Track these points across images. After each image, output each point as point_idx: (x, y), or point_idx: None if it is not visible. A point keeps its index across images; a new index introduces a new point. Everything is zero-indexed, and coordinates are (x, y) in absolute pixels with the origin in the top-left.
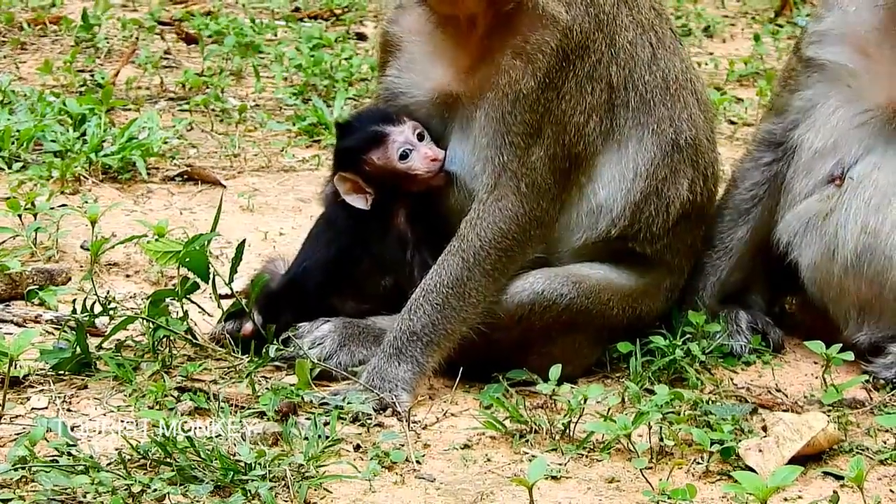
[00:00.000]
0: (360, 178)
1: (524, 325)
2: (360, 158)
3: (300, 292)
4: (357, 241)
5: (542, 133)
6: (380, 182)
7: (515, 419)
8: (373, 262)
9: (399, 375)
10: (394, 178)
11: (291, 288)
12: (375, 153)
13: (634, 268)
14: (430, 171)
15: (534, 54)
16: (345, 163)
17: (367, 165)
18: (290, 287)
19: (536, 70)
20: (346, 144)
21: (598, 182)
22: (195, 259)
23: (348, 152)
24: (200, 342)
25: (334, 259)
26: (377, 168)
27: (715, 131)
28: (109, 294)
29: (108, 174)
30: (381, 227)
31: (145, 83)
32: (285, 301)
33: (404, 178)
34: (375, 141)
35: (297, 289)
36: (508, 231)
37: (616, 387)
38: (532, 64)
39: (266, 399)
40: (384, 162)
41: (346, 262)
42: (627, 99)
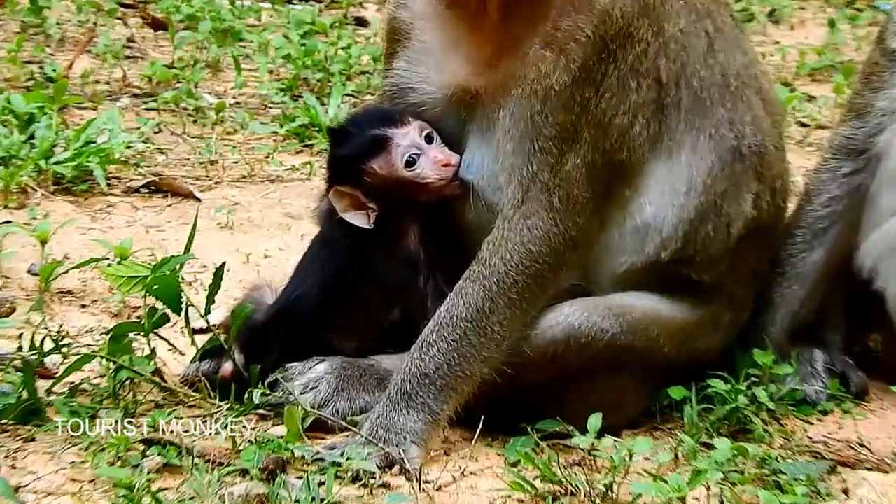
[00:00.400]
0: (359, 191)
1: (558, 365)
2: (358, 168)
3: (291, 326)
4: (359, 264)
5: (578, 137)
6: (384, 195)
7: (547, 479)
8: (378, 290)
9: (408, 426)
10: (400, 188)
11: (280, 321)
12: (377, 161)
13: (688, 298)
14: (443, 177)
15: (566, 43)
16: (341, 174)
17: (367, 176)
18: (278, 320)
19: (570, 62)
20: (341, 153)
21: (645, 196)
22: (165, 286)
23: (345, 162)
24: (171, 386)
25: (332, 286)
26: (380, 179)
27: (784, 136)
28: (62, 328)
29: (60, 185)
30: (387, 247)
31: (104, 76)
32: (273, 336)
33: (412, 187)
34: (376, 147)
35: (287, 322)
36: (539, 254)
37: (667, 440)
38: (565, 55)
39: (249, 454)
40: (388, 171)
41: (345, 289)
42: (679, 98)
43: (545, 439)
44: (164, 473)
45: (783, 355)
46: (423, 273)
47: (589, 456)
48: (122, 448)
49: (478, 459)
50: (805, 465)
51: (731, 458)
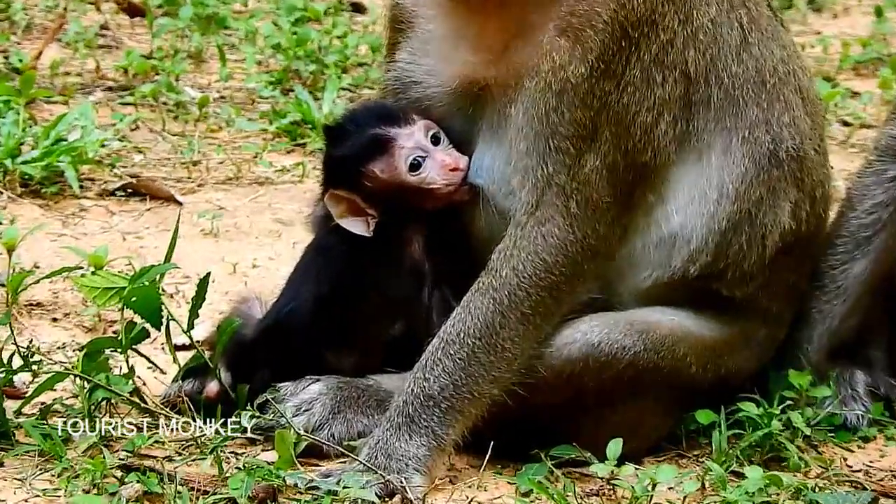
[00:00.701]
0: (358, 196)
1: (574, 386)
2: (357, 171)
3: (282, 342)
4: (357, 275)
5: (597, 136)
6: (385, 200)
7: None
8: (378, 303)
9: (410, 452)
10: (403, 194)
11: (271, 337)
12: (377, 164)
13: (719, 314)
14: (451, 183)
15: (582, 30)
16: (338, 177)
17: (367, 180)
18: (268, 335)
19: (587, 51)
20: (338, 154)
21: (671, 204)
22: (144, 298)
23: (342, 164)
24: (151, 407)
25: (327, 299)
26: (381, 183)
27: (825, 139)
28: (32, 343)
29: (28, 187)
30: (388, 257)
31: (76, 68)
32: (263, 354)
33: (416, 194)
34: (377, 148)
35: (279, 338)
36: (554, 264)
37: (694, 468)
38: (581, 43)
39: (237, 481)
40: (390, 175)
41: (343, 302)
42: (709, 94)
43: (560, 467)
44: (144, 502)
45: (821, 376)
46: (427, 285)
47: (608, 485)
48: (98, 474)
49: (486, 489)
50: (844, 497)
51: (763, 488)
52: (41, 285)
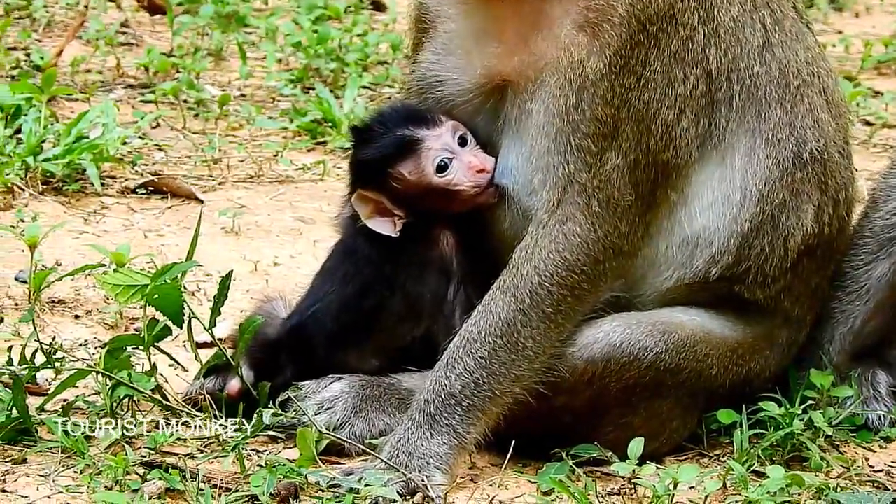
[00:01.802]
0: (385, 196)
1: (596, 387)
2: (385, 172)
3: (306, 343)
4: (384, 276)
5: (618, 133)
6: (412, 202)
7: None
8: (405, 305)
9: (432, 450)
10: (430, 196)
11: (295, 337)
12: (405, 165)
13: (741, 316)
14: (477, 184)
15: (599, 24)
16: (365, 178)
17: (394, 181)
18: (293, 336)
19: (605, 46)
20: (366, 155)
21: (694, 204)
22: (166, 296)
23: (369, 165)
24: (173, 404)
25: (354, 301)
26: (408, 184)
27: (849, 142)
28: (54, 340)
29: (50, 184)
30: (415, 257)
31: (97, 65)
32: (287, 354)
33: (443, 196)
34: (405, 149)
35: (303, 339)
36: (576, 262)
37: (715, 468)
38: (598, 38)
39: (258, 479)
40: (417, 176)
41: (369, 304)
42: (731, 94)
43: (581, 466)
44: (166, 499)
45: (843, 376)
46: (454, 285)
47: (629, 484)
48: (120, 471)
49: (508, 487)
50: (866, 497)
51: (784, 487)
52: (63, 283)
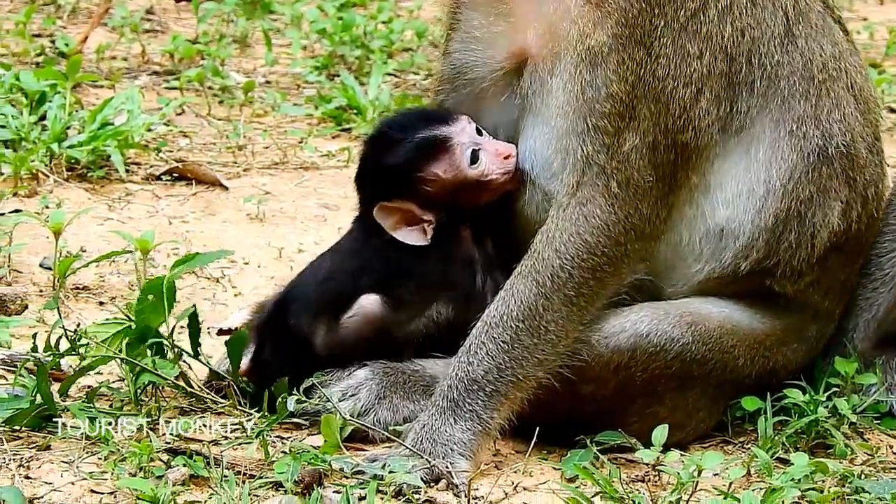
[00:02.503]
0: (413, 203)
1: (622, 376)
2: (414, 177)
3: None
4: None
5: (636, 113)
6: (443, 202)
7: (608, 495)
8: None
9: (455, 436)
10: (462, 191)
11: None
12: (438, 165)
13: (770, 309)
14: (506, 171)
15: None
16: (389, 187)
17: (425, 184)
18: (273, 309)
19: (607, 15)
20: (391, 162)
21: (717, 194)
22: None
23: (395, 172)
24: (197, 391)
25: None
26: (441, 185)
27: (880, 138)
28: (79, 327)
29: (74, 171)
30: (441, 257)
31: (122, 52)
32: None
33: (475, 189)
34: (434, 149)
35: (281, 311)
36: (597, 245)
37: (740, 455)
38: (601, 7)
39: (283, 466)
40: (453, 174)
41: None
42: (752, 78)
43: (605, 453)
44: (190, 486)
45: (867, 364)
46: (480, 273)
47: (653, 471)
48: (144, 458)
49: (532, 474)
50: (890, 484)
51: (808, 474)
52: (88, 269)
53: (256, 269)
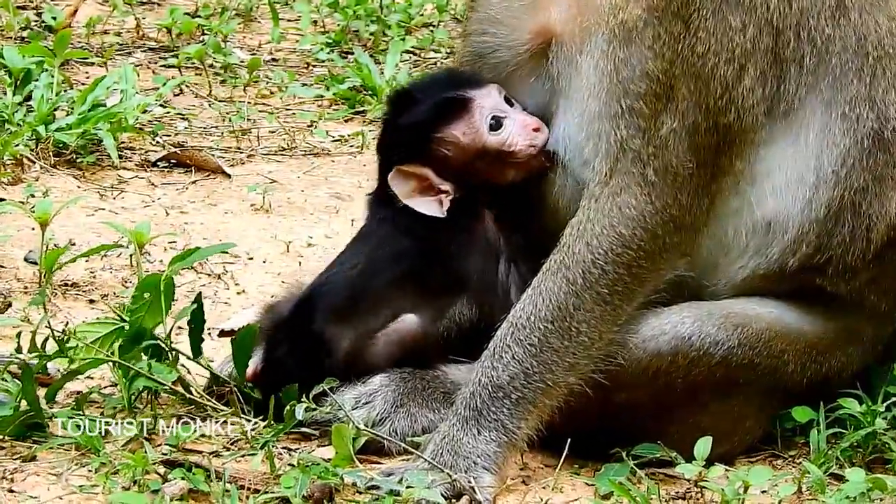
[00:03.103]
0: (430, 169)
1: (662, 382)
2: (431, 138)
3: (308, 318)
4: (425, 254)
5: (673, 93)
6: (461, 171)
7: None
8: (444, 284)
9: (479, 448)
10: (483, 161)
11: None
12: (457, 126)
13: (822, 310)
14: (534, 144)
15: None
16: (406, 150)
17: (443, 146)
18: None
19: None
20: (409, 121)
21: (763, 184)
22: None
23: (413, 132)
24: (196, 397)
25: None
26: (459, 150)
27: None
28: (68, 327)
29: (62, 156)
30: (459, 236)
31: (115, 26)
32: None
33: (496, 161)
34: (455, 109)
35: (305, 313)
36: (632, 237)
37: (790, 470)
38: None
39: (290, 480)
40: (470, 138)
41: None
42: (801, 53)
43: (643, 467)
44: (189, 501)
45: None
46: (502, 263)
47: (695, 487)
48: (139, 470)
49: (562, 490)
50: None
51: (865, 492)
52: (77, 264)
53: (262, 264)
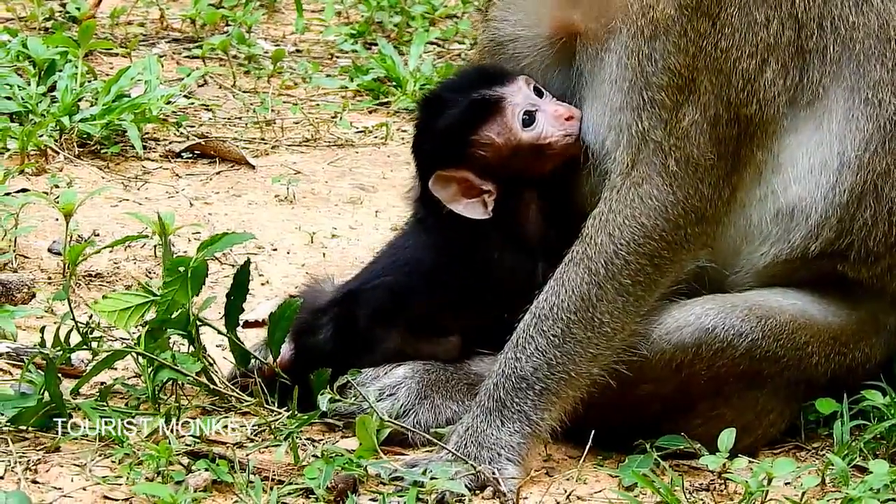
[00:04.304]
0: (470, 171)
1: (685, 374)
2: (467, 141)
3: (352, 312)
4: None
5: (695, 86)
6: (501, 170)
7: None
8: (491, 288)
9: (503, 439)
10: (520, 157)
11: (346, 302)
12: (491, 127)
13: (844, 298)
14: (568, 133)
15: None
16: (443, 154)
17: (479, 149)
18: (344, 301)
19: None
20: (442, 125)
21: (788, 171)
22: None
23: (448, 136)
24: (220, 388)
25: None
26: (496, 149)
27: None
28: (91, 319)
29: (87, 147)
30: (507, 236)
31: (139, 17)
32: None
33: (534, 154)
34: (487, 109)
35: (352, 307)
36: (654, 228)
37: (813, 462)
38: None
39: (314, 471)
40: (505, 138)
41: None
42: (824, 44)
43: (667, 459)
44: (212, 492)
45: None
46: (540, 261)
47: (719, 479)
48: (163, 461)
49: (586, 481)
50: None
51: (888, 484)
52: (101, 255)
53: (286, 255)
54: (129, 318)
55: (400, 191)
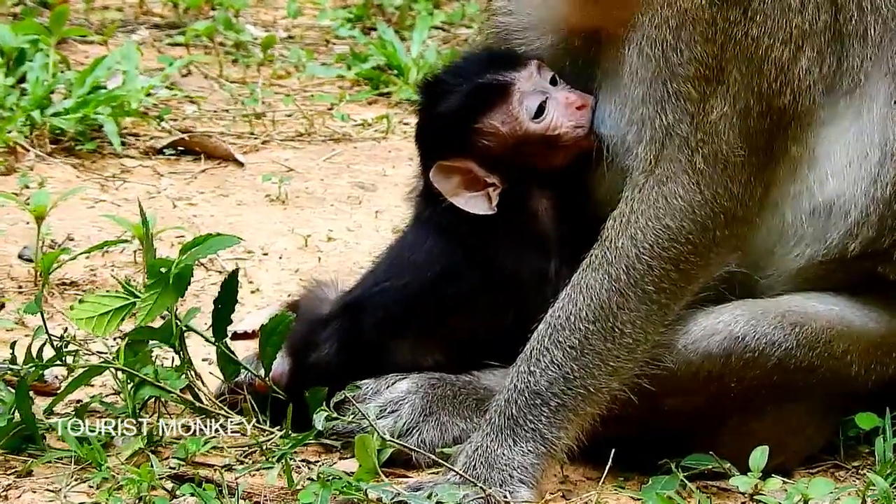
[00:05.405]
0: (473, 162)
1: (713, 387)
2: (470, 128)
3: (358, 323)
4: (476, 259)
5: (724, 76)
6: (506, 162)
7: None
8: (499, 292)
9: (515, 460)
10: (528, 149)
11: (349, 314)
12: (496, 114)
13: (886, 303)
14: (579, 124)
15: None
16: (445, 143)
17: (483, 137)
18: (348, 312)
19: None
20: (444, 110)
21: (825, 165)
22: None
23: (450, 122)
24: (207, 406)
25: (433, 288)
26: (501, 139)
27: None
28: (66, 331)
29: (60, 143)
30: (513, 234)
31: (116, 1)
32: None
33: (543, 145)
34: (492, 95)
35: (357, 318)
36: (679, 230)
37: (853, 482)
38: None
39: (309, 495)
40: (510, 127)
41: (452, 292)
42: (864, 26)
43: (693, 480)
44: None
45: None
46: (554, 261)
47: (751, 502)
48: (144, 486)
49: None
50: None
51: None
52: (76, 262)
53: (278, 260)
54: (108, 324)
55: (402, 189)
